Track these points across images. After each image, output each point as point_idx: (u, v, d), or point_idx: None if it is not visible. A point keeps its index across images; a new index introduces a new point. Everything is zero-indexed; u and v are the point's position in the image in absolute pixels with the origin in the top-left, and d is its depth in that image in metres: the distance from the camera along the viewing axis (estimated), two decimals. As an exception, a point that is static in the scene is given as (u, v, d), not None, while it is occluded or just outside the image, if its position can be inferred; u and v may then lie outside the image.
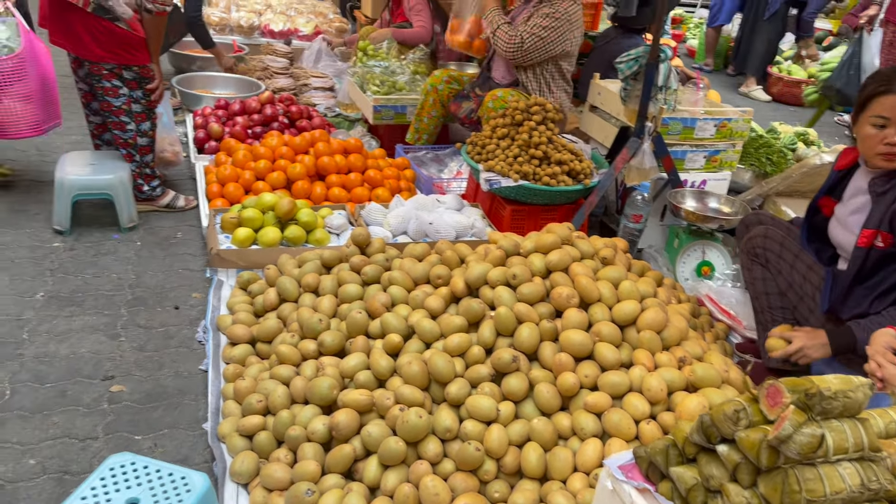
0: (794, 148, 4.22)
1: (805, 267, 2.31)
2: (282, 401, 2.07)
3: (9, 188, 3.61)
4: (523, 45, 3.55)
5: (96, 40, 3.06)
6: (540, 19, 3.54)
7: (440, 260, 2.52)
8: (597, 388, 2.00)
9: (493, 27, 3.64)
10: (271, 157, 3.60)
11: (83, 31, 3.04)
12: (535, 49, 3.56)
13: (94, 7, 2.99)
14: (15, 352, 2.44)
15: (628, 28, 4.38)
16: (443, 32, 4.98)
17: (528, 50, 3.56)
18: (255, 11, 6.56)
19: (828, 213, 2.37)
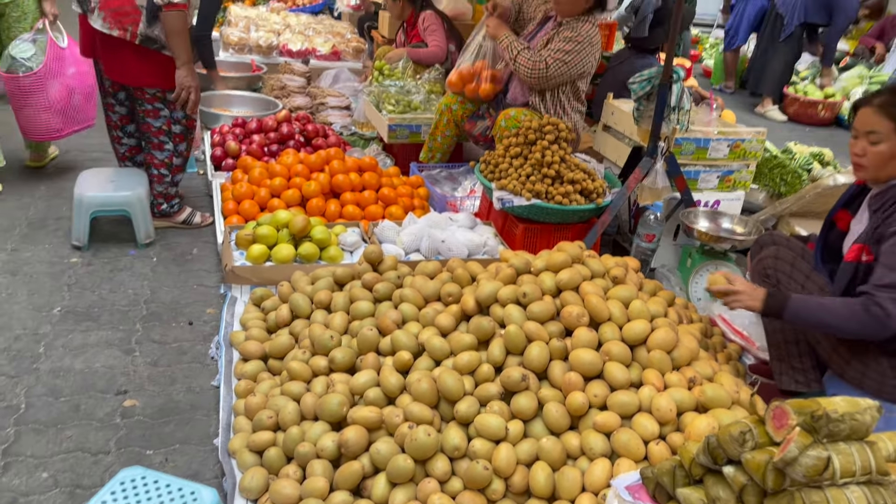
0: (810, 168, 4.20)
1: (816, 288, 2.29)
2: (292, 417, 2.08)
3: (28, 204, 3.67)
4: (548, 69, 3.53)
5: (144, 69, 3.17)
6: (562, 43, 3.55)
7: (451, 278, 2.53)
8: (606, 407, 1.99)
9: (513, 53, 3.62)
10: (287, 175, 3.64)
11: (132, 61, 3.15)
12: (560, 73, 3.56)
13: (141, 39, 3.09)
14: (31, 366, 2.47)
15: (642, 48, 4.40)
16: (458, 52, 5.02)
17: (552, 75, 3.55)
18: (273, 31, 6.65)
19: (843, 228, 2.36)
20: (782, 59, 7.25)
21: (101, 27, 3.07)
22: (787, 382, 2.35)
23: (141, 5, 3.05)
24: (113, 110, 3.46)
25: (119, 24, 3.05)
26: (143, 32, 3.08)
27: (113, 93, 3.41)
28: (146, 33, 3.09)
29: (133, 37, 3.08)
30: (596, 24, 3.66)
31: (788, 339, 2.37)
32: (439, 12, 5.12)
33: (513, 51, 3.63)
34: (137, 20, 3.06)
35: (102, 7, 3.05)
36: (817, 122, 7.20)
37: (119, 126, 3.50)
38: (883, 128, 2.08)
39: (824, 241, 2.40)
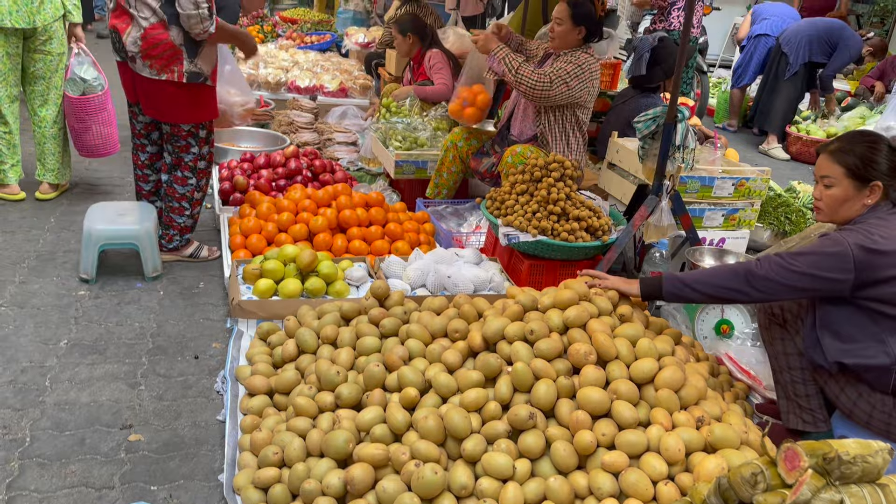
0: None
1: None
2: (297, 453, 2.07)
3: (37, 237, 3.70)
4: (551, 85, 3.53)
5: (186, 105, 3.25)
6: (563, 64, 3.60)
7: (458, 314, 2.54)
8: (614, 446, 1.98)
9: (513, 65, 3.56)
10: (294, 210, 3.67)
11: (174, 99, 3.23)
12: (561, 93, 3.55)
13: (188, 77, 3.17)
14: (37, 399, 2.47)
15: (643, 87, 4.46)
16: None
17: (555, 92, 3.54)
18: (282, 68, 6.76)
19: None
20: (786, 98, 7.33)
21: (148, 74, 3.15)
22: (795, 422, 2.34)
23: (180, 44, 3.12)
24: (144, 150, 3.53)
25: (165, 67, 3.13)
26: (188, 70, 3.16)
27: (146, 133, 3.48)
28: (191, 69, 3.17)
29: (180, 76, 3.16)
30: (593, 55, 3.72)
31: (795, 379, 2.36)
32: (446, 51, 5.20)
33: (511, 63, 3.57)
34: (181, 58, 3.13)
35: (146, 56, 3.12)
36: (820, 161, 7.24)
37: (147, 165, 3.56)
38: (834, 173, 2.20)
39: None
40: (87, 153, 4.21)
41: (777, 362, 2.42)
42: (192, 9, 2.99)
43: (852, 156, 2.17)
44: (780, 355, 2.40)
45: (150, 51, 3.10)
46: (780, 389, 2.42)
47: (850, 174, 2.17)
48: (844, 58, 7.15)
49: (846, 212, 2.21)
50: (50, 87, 4.05)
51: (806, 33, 7.12)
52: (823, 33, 7.09)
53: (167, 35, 3.09)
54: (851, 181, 2.17)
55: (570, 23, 3.67)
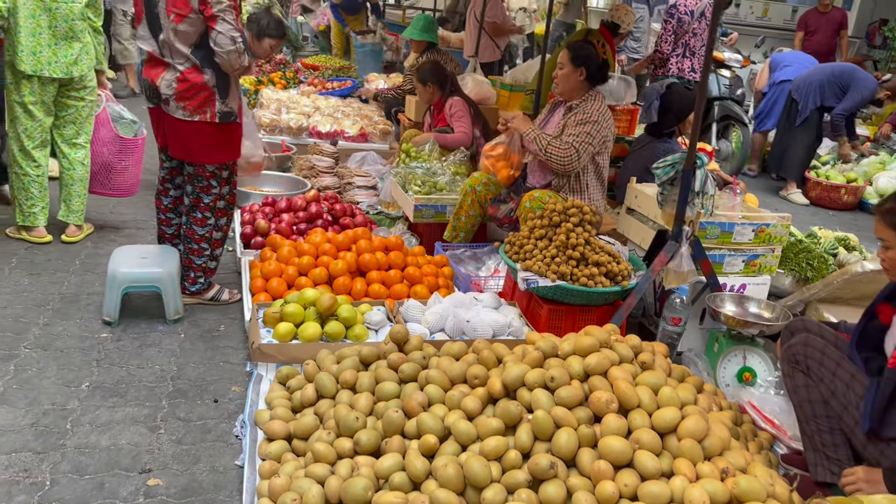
0: (835, 253, 4.19)
1: (848, 375, 2.25)
2: (316, 500, 2.05)
3: (62, 279, 3.75)
4: (578, 154, 3.67)
5: (216, 146, 3.34)
6: (579, 127, 3.68)
7: (477, 359, 2.53)
8: (637, 498, 1.95)
9: (543, 144, 3.72)
10: (314, 254, 3.70)
11: (207, 140, 3.30)
12: (587, 154, 3.69)
13: (220, 117, 3.26)
14: (58, 442, 2.48)
15: (659, 133, 4.50)
16: (483, 137, 5.15)
17: (582, 158, 3.69)
18: (303, 114, 6.88)
19: (885, 321, 2.34)
20: (802, 144, 7.32)
21: (181, 116, 3.23)
22: (823, 474, 2.28)
23: (213, 85, 3.21)
24: (167, 195, 3.60)
25: (198, 109, 3.22)
26: (220, 110, 3.26)
27: (170, 178, 3.56)
28: (223, 109, 3.26)
29: (213, 117, 3.25)
30: (601, 99, 3.82)
31: (822, 428, 2.32)
32: (466, 98, 5.28)
33: (542, 142, 3.73)
34: (214, 99, 3.23)
35: (179, 98, 3.20)
36: (840, 207, 7.20)
37: (170, 209, 3.63)
38: (888, 236, 2.21)
39: (862, 329, 2.37)
40: (120, 193, 4.56)
41: (802, 411, 2.38)
42: (230, 45, 3.09)
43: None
44: (805, 403, 2.36)
45: (184, 93, 3.19)
46: (806, 440, 2.37)
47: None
48: (856, 98, 7.11)
49: None
50: (80, 132, 4.19)
51: (817, 79, 7.15)
52: (835, 77, 7.11)
53: (202, 78, 3.19)
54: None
55: (571, 66, 3.80)
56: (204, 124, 3.25)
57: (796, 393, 2.40)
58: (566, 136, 3.71)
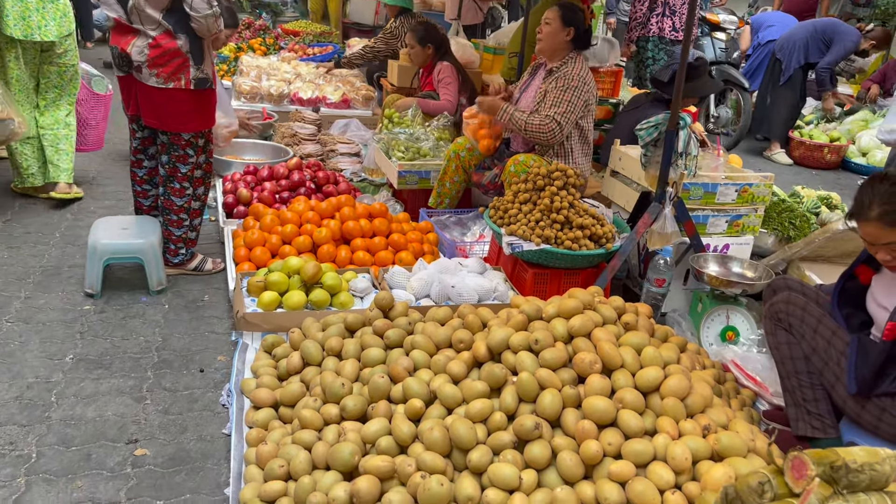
0: (818, 212, 4.22)
1: (829, 332, 2.28)
2: (303, 466, 2.07)
3: (42, 252, 3.71)
4: (560, 126, 3.61)
5: (191, 113, 3.27)
6: (559, 93, 3.63)
7: (462, 324, 2.54)
8: (620, 456, 1.97)
9: (520, 123, 3.66)
10: (298, 222, 3.67)
11: (182, 108, 3.24)
12: (569, 122, 3.64)
13: (195, 83, 3.20)
14: (43, 414, 2.47)
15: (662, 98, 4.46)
16: (469, 103, 5.10)
17: (564, 128, 3.63)
18: (284, 80, 6.78)
19: (865, 282, 2.36)
20: (786, 104, 7.32)
21: (155, 83, 3.16)
22: (804, 428, 2.32)
23: (187, 51, 3.14)
24: (141, 165, 3.54)
25: (173, 76, 3.15)
26: (195, 77, 3.19)
27: (143, 148, 3.50)
28: (198, 76, 3.20)
29: (188, 83, 3.18)
30: (582, 61, 3.77)
31: (803, 383, 2.35)
32: (456, 64, 5.21)
33: (517, 121, 3.68)
34: (188, 65, 3.16)
35: (152, 66, 3.13)
36: (823, 166, 7.23)
37: (146, 180, 3.57)
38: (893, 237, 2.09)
39: (841, 288, 2.39)
40: (92, 147, 4.85)
41: (783, 367, 2.41)
42: (206, 9, 3.03)
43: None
44: (787, 360, 2.39)
45: (157, 59, 3.12)
46: (787, 396, 2.41)
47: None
48: (840, 50, 7.06)
49: None
50: (63, 95, 4.29)
51: (800, 36, 7.11)
52: (818, 33, 7.07)
53: (175, 43, 3.11)
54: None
55: (560, 23, 3.73)
56: (179, 91, 3.19)
57: (778, 350, 2.42)
58: (546, 108, 3.66)
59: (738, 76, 7.30)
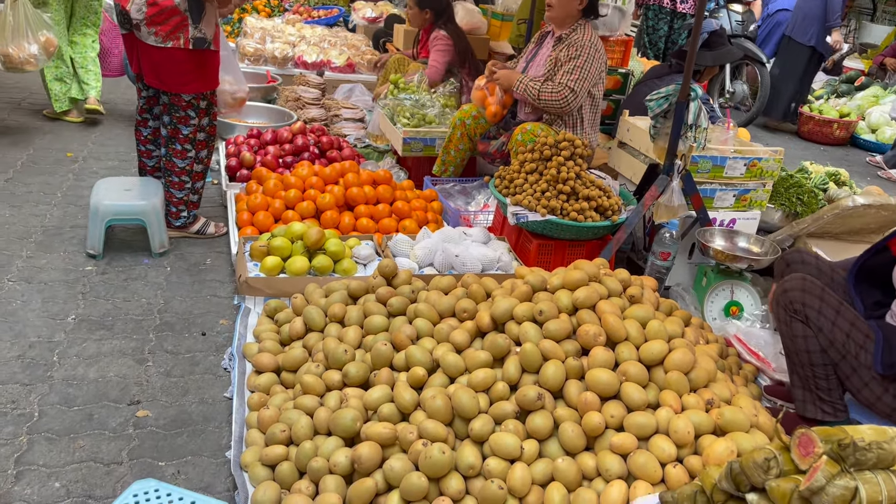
0: (826, 188, 4.18)
1: (847, 324, 2.20)
2: (305, 431, 2.07)
3: (44, 212, 3.69)
4: (574, 93, 3.55)
5: (191, 73, 3.22)
6: (571, 62, 3.57)
7: (466, 293, 2.52)
8: (622, 428, 1.97)
9: (535, 93, 3.61)
10: (301, 187, 3.64)
11: (177, 68, 3.19)
12: (584, 89, 3.59)
13: (193, 43, 3.15)
14: (45, 374, 2.47)
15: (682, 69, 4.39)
16: (470, 70, 5.02)
17: (579, 95, 3.58)
18: (288, 43, 6.69)
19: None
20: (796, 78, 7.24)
21: (154, 42, 3.12)
22: (813, 412, 2.28)
23: (185, 9, 3.09)
24: (146, 126, 3.50)
25: (171, 34, 3.10)
26: (193, 36, 3.14)
27: (148, 108, 3.46)
28: (196, 35, 3.15)
29: (186, 42, 3.13)
30: (591, 29, 3.70)
31: (818, 374, 2.27)
32: (456, 33, 5.09)
33: (533, 91, 3.63)
34: (186, 24, 3.11)
35: (150, 24, 3.08)
36: (832, 142, 7.17)
37: (150, 140, 3.54)
38: None
39: (864, 262, 2.34)
40: (114, 73, 5.46)
41: (798, 358, 2.30)
42: None
43: None
44: (803, 353, 2.28)
45: (155, 17, 3.07)
46: (796, 379, 2.33)
47: None
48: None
49: None
50: (89, 25, 5.02)
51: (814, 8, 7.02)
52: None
53: (172, 1, 3.06)
54: None
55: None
56: (177, 51, 3.14)
57: (793, 341, 2.31)
58: (559, 76, 3.60)
59: (755, 50, 7.11)
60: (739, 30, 7.39)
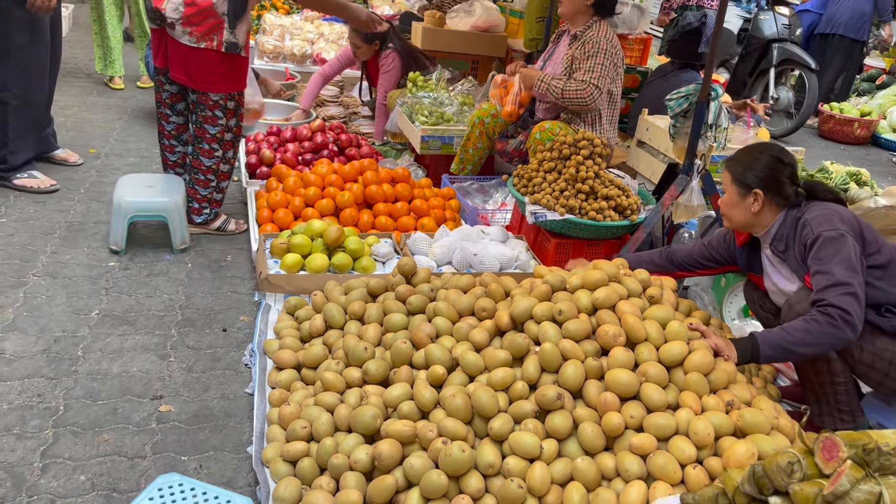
0: (847, 188, 4.14)
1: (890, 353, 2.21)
2: (326, 428, 2.09)
3: (68, 208, 3.74)
4: (599, 89, 3.54)
5: (220, 75, 3.26)
6: (590, 60, 3.55)
7: (485, 292, 2.53)
8: (642, 429, 1.97)
9: (558, 91, 3.59)
10: (321, 185, 3.67)
11: (208, 68, 3.23)
12: (606, 85, 3.58)
13: (226, 46, 3.19)
14: (70, 368, 2.51)
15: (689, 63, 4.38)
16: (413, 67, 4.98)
17: (602, 90, 3.56)
18: (307, 40, 6.72)
19: (763, 288, 2.53)
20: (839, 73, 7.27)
21: (188, 42, 3.15)
22: (832, 423, 2.28)
23: (223, 12, 3.13)
24: (168, 120, 3.54)
25: (205, 35, 3.14)
26: (227, 39, 3.17)
27: (171, 103, 3.49)
28: (229, 39, 3.18)
29: (219, 45, 3.17)
30: (606, 26, 3.69)
31: (839, 391, 2.26)
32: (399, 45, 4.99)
33: (555, 89, 3.61)
34: (222, 27, 3.15)
35: (186, 24, 3.12)
36: (852, 141, 7.10)
37: (173, 135, 3.57)
38: (725, 180, 2.41)
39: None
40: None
41: (818, 377, 2.28)
42: None
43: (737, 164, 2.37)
44: (824, 374, 2.27)
45: (192, 17, 3.10)
46: (810, 394, 2.31)
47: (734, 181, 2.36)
48: None
49: (739, 215, 2.37)
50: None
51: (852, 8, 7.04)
52: None
53: (211, 2, 3.10)
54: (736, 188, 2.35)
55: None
56: (210, 52, 3.17)
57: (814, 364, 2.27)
58: (580, 74, 3.59)
59: (802, 55, 6.74)
60: (786, 34, 6.94)
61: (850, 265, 2.10)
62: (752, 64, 6.94)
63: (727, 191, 2.40)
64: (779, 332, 2.12)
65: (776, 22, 6.88)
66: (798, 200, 2.33)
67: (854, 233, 2.19)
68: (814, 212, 2.26)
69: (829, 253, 2.14)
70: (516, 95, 3.90)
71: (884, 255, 2.21)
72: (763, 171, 2.32)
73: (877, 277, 2.19)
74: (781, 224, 2.33)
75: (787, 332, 2.10)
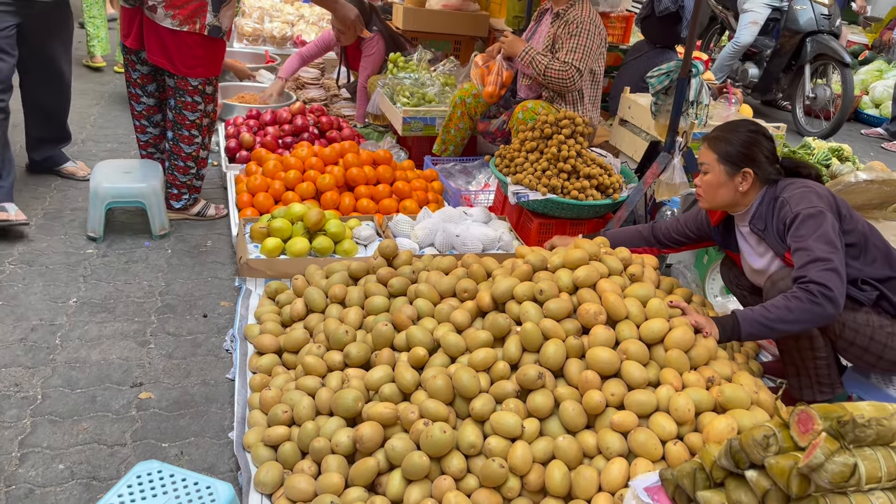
0: (829, 164, 4.15)
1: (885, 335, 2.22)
2: (307, 412, 2.08)
3: (44, 195, 3.68)
4: (580, 72, 3.52)
5: (201, 59, 3.21)
6: (573, 40, 3.53)
7: (467, 273, 2.52)
8: (623, 406, 1.97)
9: (540, 67, 3.56)
10: (301, 168, 3.63)
11: (193, 52, 3.18)
12: (587, 66, 3.55)
13: (209, 30, 3.13)
14: (48, 357, 2.48)
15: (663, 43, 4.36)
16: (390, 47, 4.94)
17: (582, 72, 3.54)
18: (287, 22, 6.64)
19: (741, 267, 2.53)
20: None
21: (169, 25, 3.09)
22: (811, 395, 2.30)
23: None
24: (139, 101, 3.48)
25: (189, 19, 3.09)
26: (210, 23, 3.13)
27: (142, 84, 3.43)
28: (213, 23, 3.13)
29: (202, 28, 3.12)
30: (588, 5, 3.66)
31: (820, 365, 2.27)
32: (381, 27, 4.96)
33: (538, 65, 3.58)
34: (205, 11, 3.10)
35: (169, 6, 3.06)
36: (835, 117, 7.10)
37: (145, 116, 3.52)
38: (709, 159, 2.34)
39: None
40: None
41: (800, 353, 2.29)
42: None
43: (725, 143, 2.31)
44: (806, 349, 2.27)
45: (175, 0, 3.05)
46: (790, 367, 2.33)
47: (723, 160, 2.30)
48: None
49: (724, 196, 2.34)
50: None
51: None
52: None
53: None
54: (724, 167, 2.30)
55: None
56: (192, 35, 3.12)
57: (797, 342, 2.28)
58: (563, 54, 3.56)
59: (838, 49, 6.26)
60: (826, 25, 6.38)
61: (829, 241, 2.10)
62: (786, 59, 6.52)
63: (711, 170, 2.33)
64: (760, 309, 2.12)
65: (815, 12, 6.37)
66: (777, 178, 2.33)
67: (831, 209, 2.19)
68: (790, 190, 2.26)
69: (808, 230, 2.14)
70: (497, 75, 3.86)
71: (857, 233, 2.22)
72: (751, 149, 2.29)
73: (853, 256, 2.19)
74: (760, 203, 2.33)
75: (769, 309, 2.10)
